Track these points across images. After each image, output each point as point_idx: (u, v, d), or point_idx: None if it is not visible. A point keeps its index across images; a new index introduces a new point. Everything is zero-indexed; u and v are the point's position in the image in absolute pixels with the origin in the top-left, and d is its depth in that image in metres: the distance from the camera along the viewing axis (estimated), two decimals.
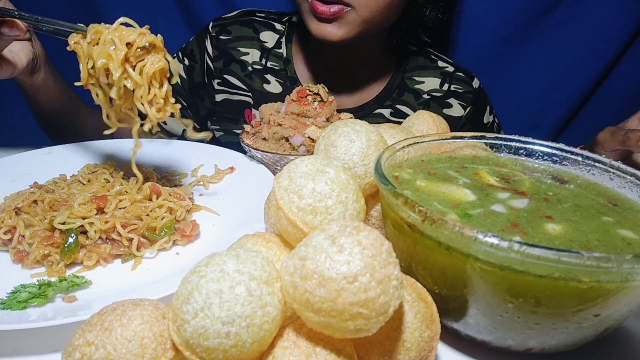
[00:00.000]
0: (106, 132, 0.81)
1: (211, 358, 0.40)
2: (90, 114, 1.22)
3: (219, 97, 1.35)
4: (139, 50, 0.71)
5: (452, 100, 1.34)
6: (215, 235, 0.78)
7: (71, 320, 0.54)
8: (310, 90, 0.97)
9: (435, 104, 1.33)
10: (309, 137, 0.91)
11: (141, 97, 0.73)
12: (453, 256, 0.49)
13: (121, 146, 1.04)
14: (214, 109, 1.37)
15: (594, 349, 0.55)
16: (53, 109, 1.14)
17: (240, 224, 0.76)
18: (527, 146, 0.72)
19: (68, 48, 0.75)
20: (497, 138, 0.73)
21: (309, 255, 0.40)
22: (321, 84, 0.98)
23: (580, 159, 0.68)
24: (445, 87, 1.34)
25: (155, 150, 1.03)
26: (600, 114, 1.56)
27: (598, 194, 0.64)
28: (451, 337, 0.57)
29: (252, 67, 1.32)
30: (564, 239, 0.52)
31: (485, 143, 0.74)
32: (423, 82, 1.34)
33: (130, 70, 0.71)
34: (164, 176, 0.94)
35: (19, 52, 0.93)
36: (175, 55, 1.38)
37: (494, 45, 1.51)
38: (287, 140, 0.93)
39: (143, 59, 0.72)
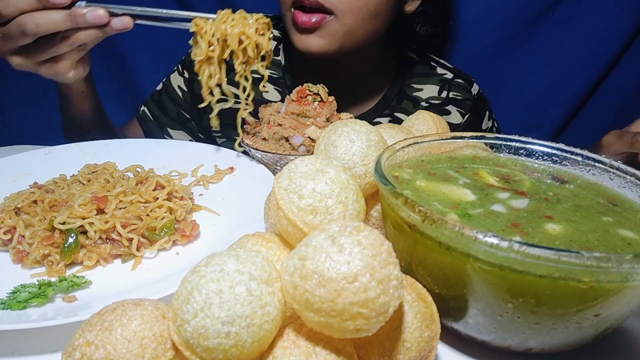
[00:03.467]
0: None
1: (211, 358, 0.40)
2: (111, 127, 1.29)
3: (219, 106, 1.36)
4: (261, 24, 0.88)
5: (450, 108, 1.34)
6: (215, 235, 0.78)
7: (71, 320, 0.54)
8: (310, 90, 0.97)
9: (433, 111, 1.32)
10: (309, 137, 0.91)
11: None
12: (453, 256, 0.49)
13: (121, 146, 1.04)
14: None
15: (594, 349, 0.55)
16: (92, 118, 1.19)
17: (240, 224, 0.76)
18: (527, 146, 0.72)
19: (190, 29, 0.88)
20: (497, 138, 0.73)
21: (309, 255, 0.40)
22: (321, 84, 0.98)
23: (580, 159, 0.68)
24: (444, 94, 1.33)
25: (156, 150, 1.03)
26: (600, 115, 1.56)
27: (598, 194, 0.64)
28: (451, 337, 0.57)
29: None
30: (564, 239, 0.52)
31: (485, 143, 0.74)
32: (421, 90, 1.33)
33: (260, 39, 0.88)
34: (164, 176, 0.94)
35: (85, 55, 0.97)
36: (175, 68, 1.39)
37: (493, 45, 1.51)
38: (287, 140, 0.93)
39: (264, 34, 0.88)
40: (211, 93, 0.94)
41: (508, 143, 0.73)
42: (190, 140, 1.40)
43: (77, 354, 0.40)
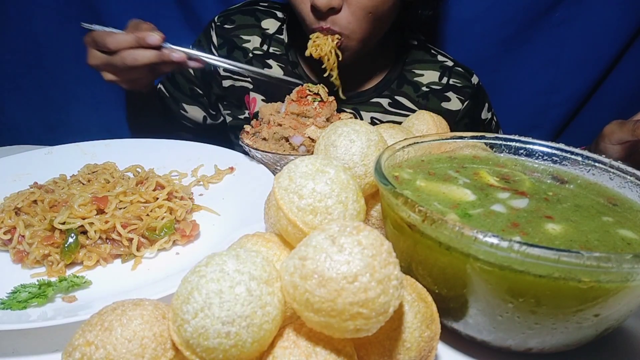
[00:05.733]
0: None
1: (211, 358, 0.40)
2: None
3: (225, 83, 1.40)
4: None
5: (450, 94, 1.35)
6: (215, 235, 0.78)
7: (71, 320, 0.54)
8: (310, 90, 0.97)
9: (434, 97, 1.34)
10: (309, 137, 0.91)
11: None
12: (453, 256, 0.49)
13: (121, 146, 1.04)
14: (223, 95, 1.42)
15: (594, 349, 0.55)
16: (153, 106, 1.37)
17: (240, 224, 0.76)
18: (527, 146, 0.72)
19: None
20: (497, 138, 0.73)
21: (309, 255, 0.40)
22: (321, 84, 0.98)
23: (580, 159, 0.68)
24: (444, 80, 1.35)
25: (155, 150, 1.03)
26: (600, 114, 1.56)
27: (598, 194, 0.64)
28: (451, 337, 0.57)
29: (252, 53, 1.36)
30: (564, 239, 0.52)
31: (485, 143, 0.74)
32: (422, 75, 1.35)
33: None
34: (164, 176, 0.94)
35: None
36: (190, 48, 1.41)
37: (494, 45, 1.51)
38: (287, 140, 0.93)
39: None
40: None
41: (508, 143, 0.73)
42: (204, 115, 1.46)
43: (77, 354, 0.40)
